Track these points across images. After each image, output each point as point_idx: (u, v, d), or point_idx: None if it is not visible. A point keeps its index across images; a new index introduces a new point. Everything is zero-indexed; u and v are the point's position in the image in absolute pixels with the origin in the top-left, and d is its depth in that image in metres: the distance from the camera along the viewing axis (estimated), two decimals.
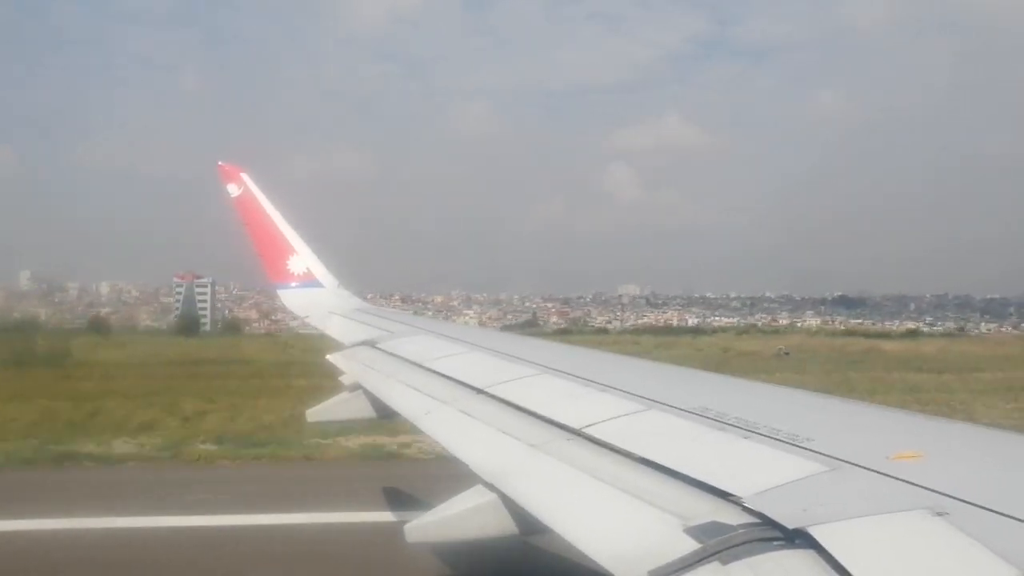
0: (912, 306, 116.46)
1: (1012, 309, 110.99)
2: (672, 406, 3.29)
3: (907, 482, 2.13)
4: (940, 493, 2.02)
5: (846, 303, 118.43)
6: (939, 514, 1.90)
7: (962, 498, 1.97)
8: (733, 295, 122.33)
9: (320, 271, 9.84)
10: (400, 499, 11.72)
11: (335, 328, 8.30)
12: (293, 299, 9.70)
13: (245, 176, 9.70)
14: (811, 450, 2.50)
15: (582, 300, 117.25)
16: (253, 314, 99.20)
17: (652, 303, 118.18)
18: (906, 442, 2.53)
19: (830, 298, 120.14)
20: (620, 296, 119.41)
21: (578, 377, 4.12)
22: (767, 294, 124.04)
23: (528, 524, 2.88)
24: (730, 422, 2.93)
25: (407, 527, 3.20)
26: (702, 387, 4.04)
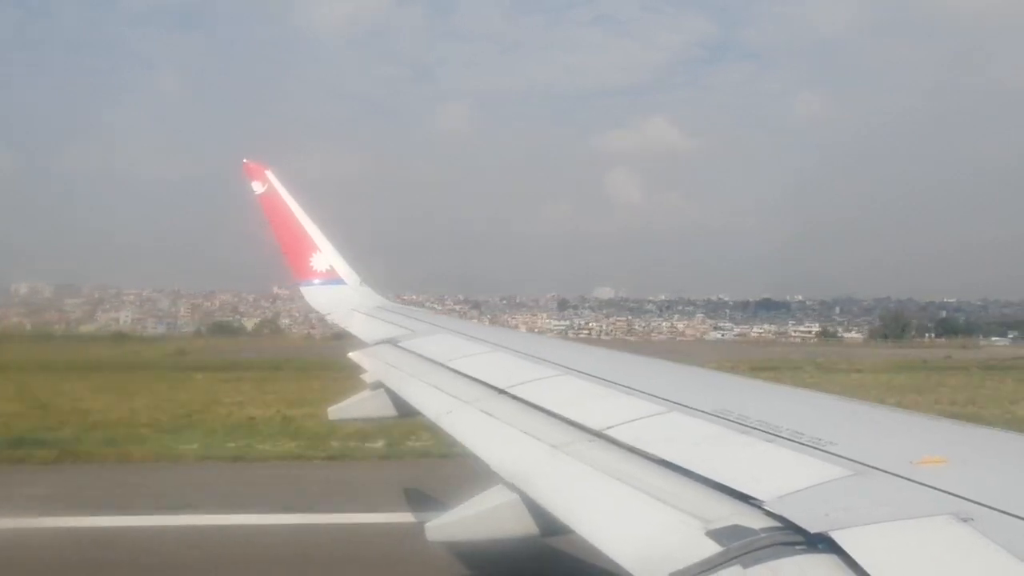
0: (838, 310, 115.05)
1: (944, 313, 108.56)
2: (693, 408, 3.28)
3: (932, 487, 2.12)
4: (965, 499, 2.00)
5: (768, 306, 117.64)
6: (964, 520, 1.88)
7: (988, 504, 1.96)
8: (650, 298, 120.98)
9: (343, 268, 9.80)
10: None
11: (357, 326, 8.33)
12: (316, 297, 9.69)
13: (270, 173, 9.64)
14: (834, 454, 2.49)
15: (505, 302, 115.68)
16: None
17: (563, 307, 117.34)
18: (931, 447, 2.51)
19: (753, 301, 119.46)
20: (537, 300, 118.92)
21: (599, 378, 4.12)
22: (711, 297, 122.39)
23: (549, 525, 2.89)
24: (752, 425, 2.92)
25: (428, 526, 3.22)
26: (724, 389, 4.03)
